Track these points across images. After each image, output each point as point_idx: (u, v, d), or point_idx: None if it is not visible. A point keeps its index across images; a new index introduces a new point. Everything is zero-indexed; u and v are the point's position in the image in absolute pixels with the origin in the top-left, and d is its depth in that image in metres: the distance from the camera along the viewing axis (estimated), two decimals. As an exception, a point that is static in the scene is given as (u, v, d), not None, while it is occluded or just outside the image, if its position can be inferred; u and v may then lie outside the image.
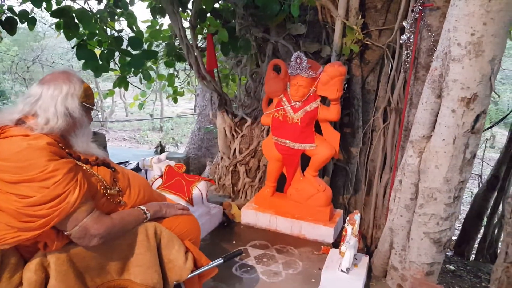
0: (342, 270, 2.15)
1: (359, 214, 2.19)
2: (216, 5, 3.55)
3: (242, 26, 3.26)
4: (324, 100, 2.78)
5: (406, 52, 2.40)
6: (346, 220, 2.21)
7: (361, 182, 3.21)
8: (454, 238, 4.76)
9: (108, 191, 1.48)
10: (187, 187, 2.72)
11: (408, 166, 2.08)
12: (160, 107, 13.63)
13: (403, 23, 2.39)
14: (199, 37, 3.75)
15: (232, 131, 3.52)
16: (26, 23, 3.01)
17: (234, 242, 2.74)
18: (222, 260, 1.74)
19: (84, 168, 1.43)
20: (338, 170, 3.28)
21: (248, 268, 2.40)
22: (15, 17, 3.02)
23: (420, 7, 2.21)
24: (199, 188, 2.75)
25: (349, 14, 2.87)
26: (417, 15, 2.23)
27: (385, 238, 2.35)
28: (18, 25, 3.05)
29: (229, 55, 3.67)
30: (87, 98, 1.47)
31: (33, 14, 3.09)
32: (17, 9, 3.09)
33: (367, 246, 3.01)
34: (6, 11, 3.06)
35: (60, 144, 1.38)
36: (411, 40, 2.30)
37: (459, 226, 4.90)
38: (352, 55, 2.98)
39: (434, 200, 2.00)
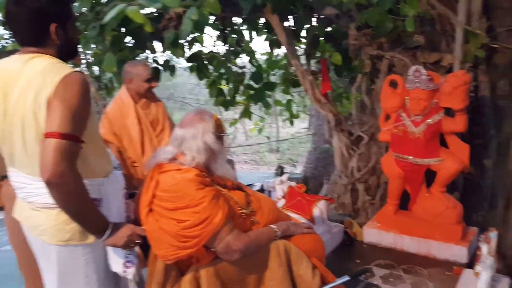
0: (479, 293, 1.99)
1: (495, 232, 2.02)
2: (328, 28, 3.69)
3: (356, 47, 3.31)
4: (449, 111, 2.65)
5: (543, 52, 2.17)
6: (480, 239, 2.06)
7: (497, 197, 2.90)
8: None
9: (244, 211, 1.67)
10: (308, 206, 2.82)
11: (555, 179, 1.85)
12: (276, 129, 14.19)
13: (537, 22, 2.17)
14: (312, 61, 3.93)
15: (349, 149, 3.54)
16: (167, 70, 3.60)
17: (357, 261, 2.73)
18: (348, 278, 1.79)
19: (223, 193, 1.65)
20: (470, 185, 3.02)
21: (375, 288, 2.38)
22: (159, 67, 3.62)
23: (557, 2, 1.98)
24: (320, 207, 2.82)
25: (471, 19, 2.71)
26: (553, 12, 2.01)
27: (530, 259, 2.10)
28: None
29: (342, 76, 3.75)
30: (218, 128, 1.69)
31: (172, 62, 3.67)
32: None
33: (509, 267, 2.68)
34: (152, 62, 3.70)
35: (204, 174, 1.62)
36: (547, 39, 2.07)
37: None
38: (478, 61, 2.78)
39: None
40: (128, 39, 3.17)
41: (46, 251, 1.47)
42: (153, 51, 3.40)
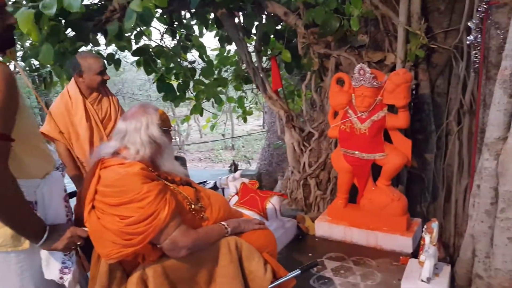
0: (422, 280, 2.11)
1: (437, 222, 2.13)
2: (278, 27, 3.72)
3: (304, 45, 3.37)
4: (392, 108, 2.76)
5: (474, 52, 2.32)
6: (423, 229, 2.17)
7: (439, 189, 3.09)
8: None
9: (193, 206, 1.64)
10: (261, 203, 2.85)
11: (485, 170, 2.00)
12: (231, 126, 14.18)
13: (469, 24, 2.32)
14: (264, 58, 3.94)
15: (301, 145, 3.61)
16: (112, 64, 3.44)
17: (310, 254, 2.79)
18: (300, 271, 1.81)
19: (171, 187, 1.61)
20: (414, 178, 3.19)
21: (326, 280, 2.43)
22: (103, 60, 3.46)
23: (486, 6, 2.14)
24: (273, 203, 2.85)
25: (411, 20, 2.84)
26: (482, 14, 2.16)
27: (467, 246, 2.26)
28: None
29: (293, 73, 3.80)
30: (164, 122, 1.63)
31: (117, 56, 3.51)
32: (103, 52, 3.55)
33: (450, 255, 2.87)
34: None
35: (150, 168, 1.57)
36: (478, 40, 2.23)
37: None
38: (418, 60, 2.93)
39: (517, 204, 1.89)
40: (68, 30, 2.97)
41: None
42: (96, 44, 3.22)
